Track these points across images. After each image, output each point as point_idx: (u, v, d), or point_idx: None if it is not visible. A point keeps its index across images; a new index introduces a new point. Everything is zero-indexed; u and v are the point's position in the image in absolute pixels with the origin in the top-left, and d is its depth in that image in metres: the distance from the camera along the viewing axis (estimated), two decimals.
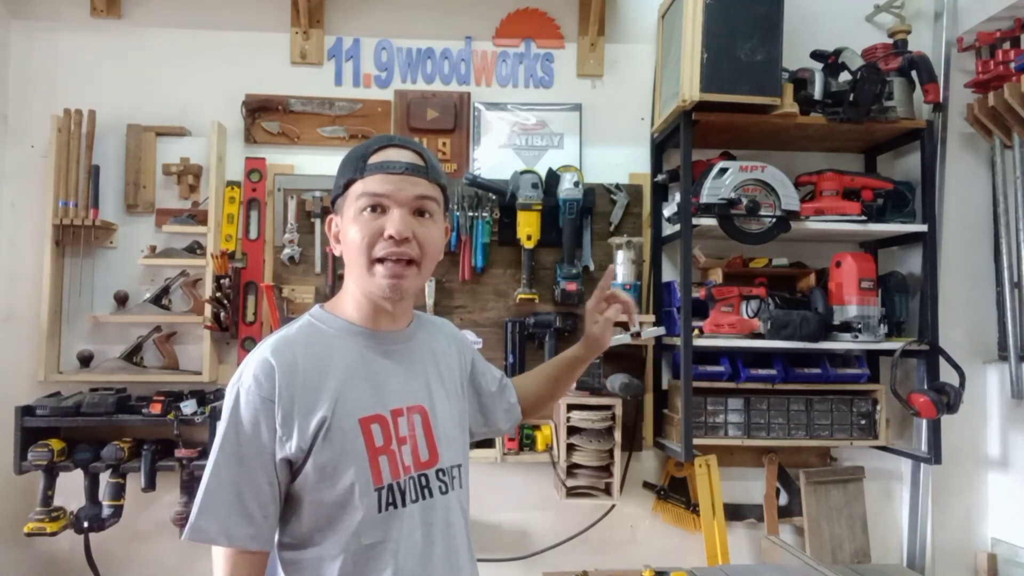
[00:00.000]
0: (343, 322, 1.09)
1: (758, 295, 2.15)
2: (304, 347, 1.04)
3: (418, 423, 1.08)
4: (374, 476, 1.01)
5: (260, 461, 0.98)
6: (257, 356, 1.02)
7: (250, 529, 0.97)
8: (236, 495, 0.97)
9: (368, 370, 1.06)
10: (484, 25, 2.41)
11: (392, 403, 1.06)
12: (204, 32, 2.34)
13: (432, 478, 1.08)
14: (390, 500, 1.02)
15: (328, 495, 0.99)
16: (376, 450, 1.02)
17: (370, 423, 1.02)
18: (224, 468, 0.97)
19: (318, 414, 0.99)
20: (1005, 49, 2.22)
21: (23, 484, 2.13)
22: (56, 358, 2.20)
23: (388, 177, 1.04)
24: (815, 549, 2.27)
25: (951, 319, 2.29)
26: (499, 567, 2.27)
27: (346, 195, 1.07)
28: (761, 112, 2.08)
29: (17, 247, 2.24)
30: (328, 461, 0.99)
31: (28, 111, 2.26)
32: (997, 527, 2.36)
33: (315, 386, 1.01)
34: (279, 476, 0.99)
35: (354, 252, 1.04)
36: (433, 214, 1.08)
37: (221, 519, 0.96)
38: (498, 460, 2.20)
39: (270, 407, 0.98)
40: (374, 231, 1.03)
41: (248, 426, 0.98)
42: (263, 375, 0.99)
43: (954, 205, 2.39)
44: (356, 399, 1.03)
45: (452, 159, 2.36)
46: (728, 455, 2.33)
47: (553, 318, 2.24)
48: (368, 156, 1.06)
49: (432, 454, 1.08)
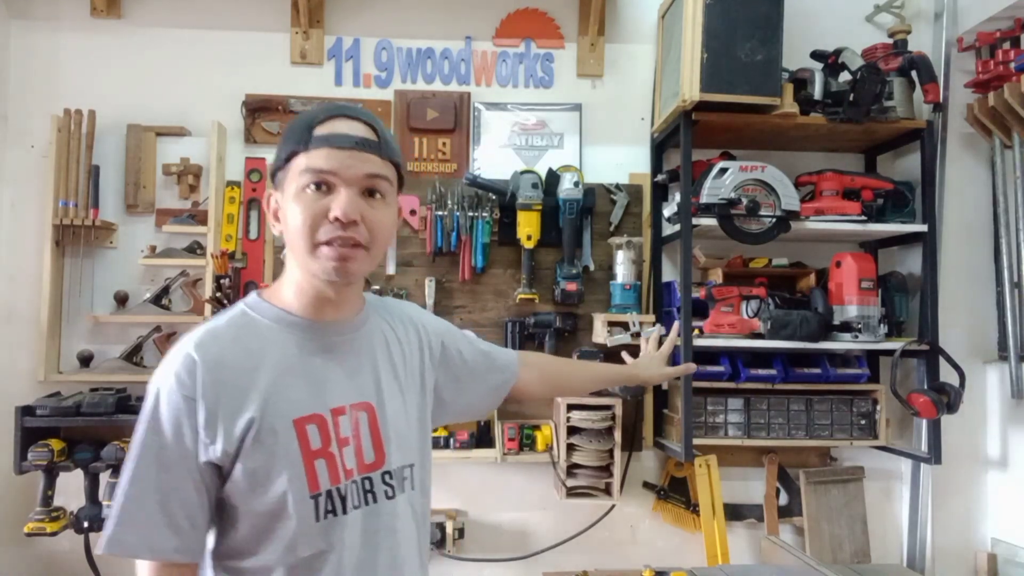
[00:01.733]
0: (280, 312, 0.98)
1: (758, 295, 2.15)
2: (233, 340, 0.94)
3: (363, 422, 0.99)
4: (310, 482, 0.92)
5: (185, 466, 0.89)
6: (179, 351, 0.92)
7: (176, 540, 0.88)
8: (159, 503, 0.88)
9: (306, 366, 0.97)
10: (484, 25, 2.41)
11: (333, 401, 0.97)
12: (204, 32, 2.34)
13: (377, 481, 0.99)
14: (329, 508, 0.93)
15: (260, 504, 0.91)
16: (312, 453, 0.92)
17: (306, 424, 0.93)
18: (145, 474, 0.89)
19: (245, 415, 0.90)
20: (1005, 49, 2.22)
21: (23, 484, 2.13)
22: (56, 358, 2.20)
23: (335, 152, 0.93)
24: (815, 549, 2.27)
25: (951, 319, 2.29)
26: (499, 567, 2.27)
27: (287, 168, 0.96)
28: (761, 112, 2.08)
29: (17, 247, 2.24)
30: (258, 466, 0.90)
31: (28, 111, 2.26)
32: (997, 527, 2.36)
33: (243, 384, 0.92)
34: (206, 481, 0.90)
35: (296, 234, 0.94)
36: (385, 195, 0.97)
37: (143, 530, 0.88)
38: (498, 460, 2.20)
39: (192, 406, 0.89)
40: (318, 212, 0.92)
41: (169, 428, 0.89)
42: (185, 372, 0.90)
43: (954, 205, 2.39)
44: (290, 398, 0.93)
45: (452, 159, 2.36)
46: (728, 455, 2.32)
47: (553, 318, 2.24)
48: (314, 126, 0.94)
49: (378, 455, 0.99)
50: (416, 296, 2.27)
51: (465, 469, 2.29)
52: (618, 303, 2.23)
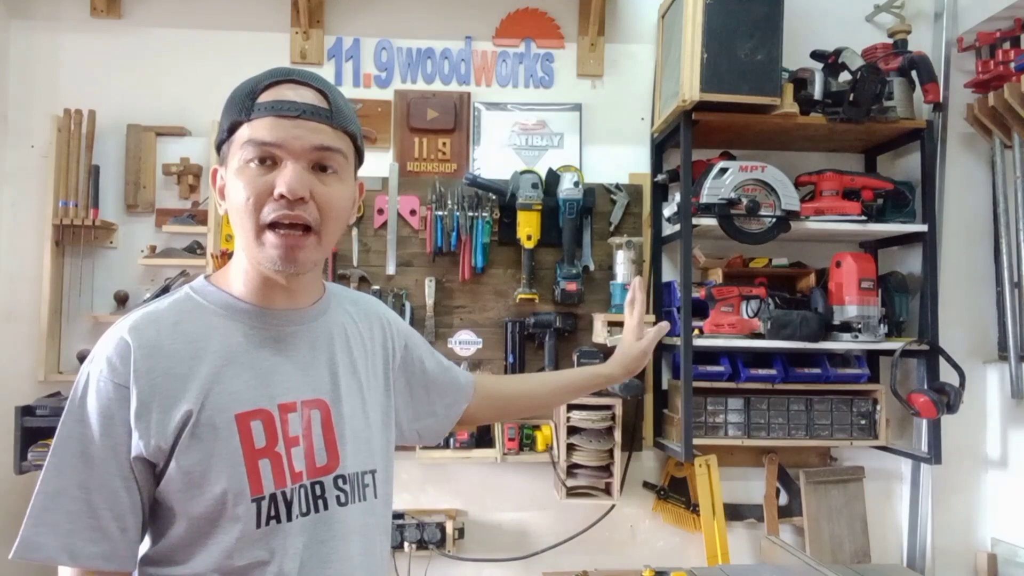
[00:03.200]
0: (227, 297, 0.90)
1: (758, 295, 2.15)
2: (173, 325, 0.85)
3: (316, 420, 0.90)
4: (252, 484, 0.83)
5: (115, 462, 0.80)
6: (113, 335, 0.83)
7: (103, 545, 0.79)
8: (84, 502, 0.79)
9: (252, 356, 0.87)
10: (484, 25, 2.41)
11: (281, 396, 0.87)
12: (204, 32, 2.33)
13: (329, 486, 0.89)
14: (272, 513, 0.84)
15: (196, 506, 0.82)
16: (256, 452, 0.83)
17: (250, 420, 0.84)
18: (68, 469, 0.80)
19: (182, 407, 0.81)
20: (1005, 49, 2.22)
21: (23, 484, 2.12)
22: (56, 358, 2.20)
23: (280, 121, 0.84)
24: (815, 549, 2.27)
25: (951, 319, 2.29)
26: (499, 567, 2.27)
27: (231, 141, 0.87)
28: (761, 112, 2.08)
29: (17, 247, 2.24)
30: (195, 464, 0.81)
31: (28, 111, 2.26)
32: (997, 527, 2.36)
33: (182, 373, 0.82)
34: (138, 480, 0.81)
35: (239, 214, 0.85)
36: (339, 169, 0.88)
37: (63, 532, 0.79)
38: (498, 460, 2.20)
39: (124, 395, 0.80)
40: (261, 189, 0.83)
41: (97, 418, 0.80)
42: (117, 357, 0.81)
43: (954, 205, 2.39)
44: (233, 391, 0.84)
45: (452, 159, 2.36)
46: (728, 455, 2.32)
47: (553, 318, 2.24)
48: (257, 93, 0.87)
49: (332, 457, 0.90)
50: (416, 296, 2.27)
51: (465, 469, 2.29)
52: (618, 303, 2.22)
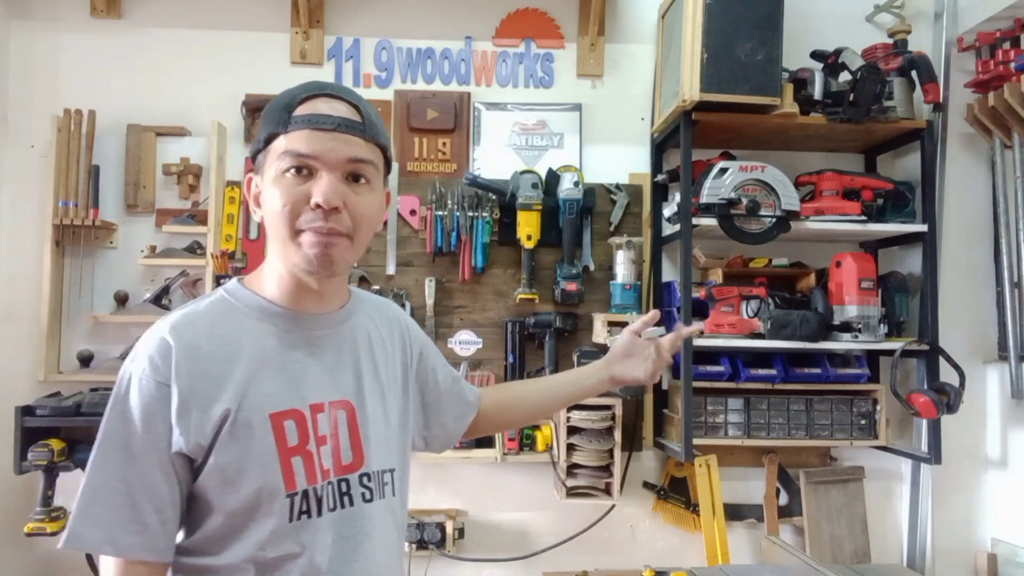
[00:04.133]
0: (260, 300, 0.94)
1: (758, 295, 2.15)
2: (210, 327, 0.90)
3: (342, 421, 0.94)
4: (285, 480, 0.87)
5: (155, 456, 0.84)
6: (154, 335, 0.88)
7: (143, 537, 0.83)
8: (126, 496, 0.83)
9: (284, 358, 0.92)
10: (484, 25, 2.41)
11: (311, 397, 0.92)
12: (204, 32, 2.34)
13: (354, 484, 0.94)
14: (303, 508, 0.89)
15: (233, 501, 0.86)
16: (289, 451, 0.88)
17: (283, 419, 0.89)
18: (112, 464, 0.84)
19: (220, 406, 0.85)
20: (1005, 49, 2.22)
21: (23, 484, 2.13)
22: (56, 358, 2.20)
23: (316, 134, 0.88)
24: (815, 549, 2.27)
25: (951, 319, 2.29)
26: (499, 567, 2.27)
27: (267, 151, 0.91)
28: (761, 112, 2.08)
29: (17, 247, 2.24)
30: (232, 461, 0.85)
31: (28, 111, 2.26)
32: (997, 527, 2.36)
33: (219, 373, 0.87)
34: (178, 474, 0.85)
35: (275, 220, 0.89)
36: (370, 180, 0.92)
37: (107, 525, 0.82)
38: (498, 460, 2.20)
39: (166, 393, 0.84)
40: (298, 198, 0.87)
41: (140, 415, 0.84)
42: (159, 356, 0.85)
43: (954, 205, 2.39)
44: (267, 391, 0.89)
45: (452, 159, 2.36)
46: (728, 455, 2.32)
47: (553, 318, 2.24)
48: (294, 106, 0.90)
49: (357, 456, 0.95)
50: (416, 296, 2.27)
51: (465, 469, 2.29)
52: (618, 303, 2.23)
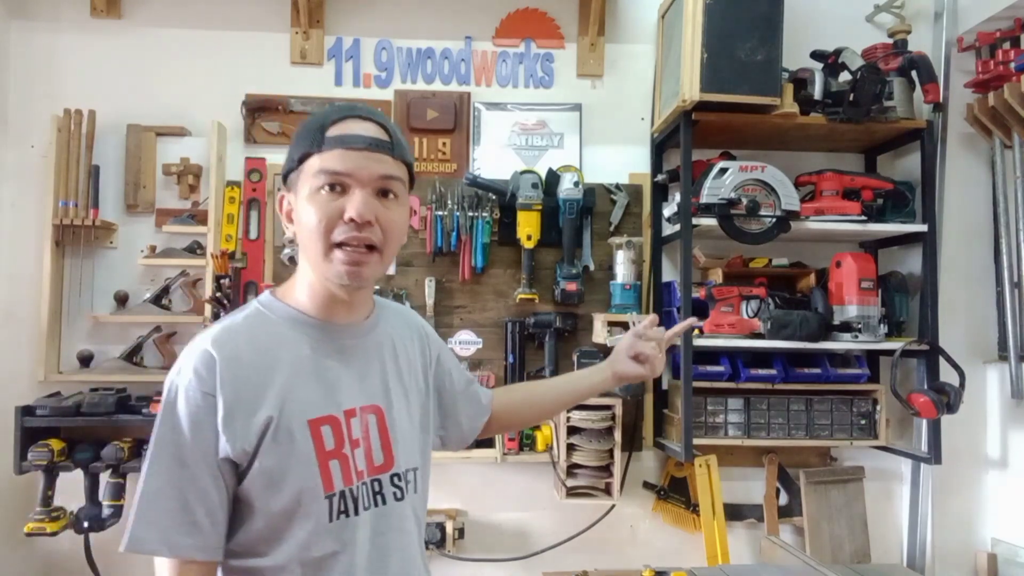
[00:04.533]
0: (293, 311, 1.00)
1: (758, 295, 2.15)
2: (249, 338, 0.95)
3: (372, 424, 1.00)
4: (324, 482, 0.93)
5: (205, 462, 0.89)
6: (197, 347, 0.93)
7: (196, 538, 0.88)
8: (179, 500, 0.88)
9: (318, 366, 0.97)
10: (484, 25, 2.41)
11: (345, 403, 0.98)
12: (204, 32, 2.34)
13: (386, 483, 1.00)
14: (342, 508, 0.94)
15: (275, 503, 0.91)
16: (327, 454, 0.94)
17: (320, 425, 0.94)
18: (164, 471, 0.89)
19: (264, 413, 0.91)
20: (1005, 49, 2.22)
21: (23, 484, 2.13)
22: (56, 358, 2.20)
23: (349, 153, 0.94)
24: (815, 549, 2.27)
25: (951, 319, 2.29)
26: (499, 567, 2.27)
27: (301, 170, 0.97)
28: (761, 112, 2.08)
29: (17, 247, 2.24)
30: (274, 465, 0.91)
31: (28, 111, 2.26)
32: (997, 527, 2.36)
33: (260, 382, 0.92)
34: (225, 479, 0.91)
35: (310, 235, 0.94)
36: (398, 195, 0.98)
37: (163, 527, 0.88)
38: (498, 460, 2.20)
39: (212, 403, 0.89)
40: (332, 213, 0.93)
41: (188, 424, 0.89)
42: (204, 368, 0.91)
43: (954, 205, 2.39)
44: (305, 398, 0.95)
45: (452, 159, 2.36)
46: (728, 455, 2.32)
47: (553, 318, 2.24)
48: (327, 127, 0.95)
49: (387, 458, 1.01)
50: (416, 296, 2.27)
51: (465, 469, 2.29)
52: (618, 303, 2.23)
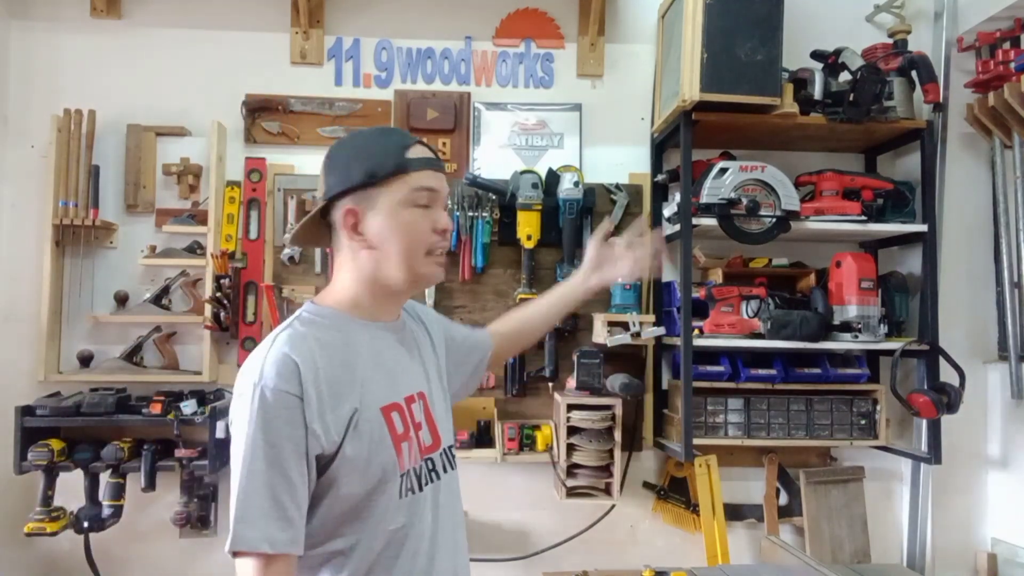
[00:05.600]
0: (345, 315, 1.10)
1: (758, 295, 2.15)
2: (317, 342, 1.03)
3: (420, 408, 1.13)
4: (400, 463, 1.05)
5: (294, 460, 0.96)
6: (275, 353, 1.00)
7: (290, 532, 0.95)
8: (272, 499, 0.94)
9: (380, 359, 1.09)
10: (484, 25, 2.41)
11: (404, 391, 1.10)
12: (204, 32, 2.34)
13: (438, 460, 1.14)
14: (409, 486, 1.06)
15: (359, 486, 1.01)
16: (399, 437, 1.05)
17: (391, 412, 1.06)
18: (258, 472, 0.94)
19: (348, 406, 1.01)
20: (1005, 49, 2.21)
21: (23, 484, 2.13)
22: (56, 358, 2.20)
23: (436, 174, 1.10)
24: (815, 549, 2.27)
25: (951, 319, 2.29)
26: (499, 567, 2.27)
27: (386, 185, 1.07)
28: (761, 112, 2.08)
29: (17, 247, 2.24)
30: (359, 452, 1.00)
31: (28, 111, 2.26)
32: (997, 527, 2.36)
33: (338, 379, 1.01)
34: (310, 474, 0.98)
35: (411, 244, 1.08)
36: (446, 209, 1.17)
37: (262, 525, 0.93)
38: (498, 460, 2.20)
39: (298, 404, 0.96)
40: (428, 226, 1.09)
41: (279, 424, 0.95)
42: (287, 372, 0.97)
43: (954, 205, 2.39)
44: (376, 389, 1.06)
45: (452, 159, 2.36)
46: (728, 455, 2.32)
47: None
48: (407, 148, 1.09)
49: (435, 437, 1.14)
50: (415, 296, 2.26)
51: (465, 469, 2.23)
52: (618, 303, 2.22)
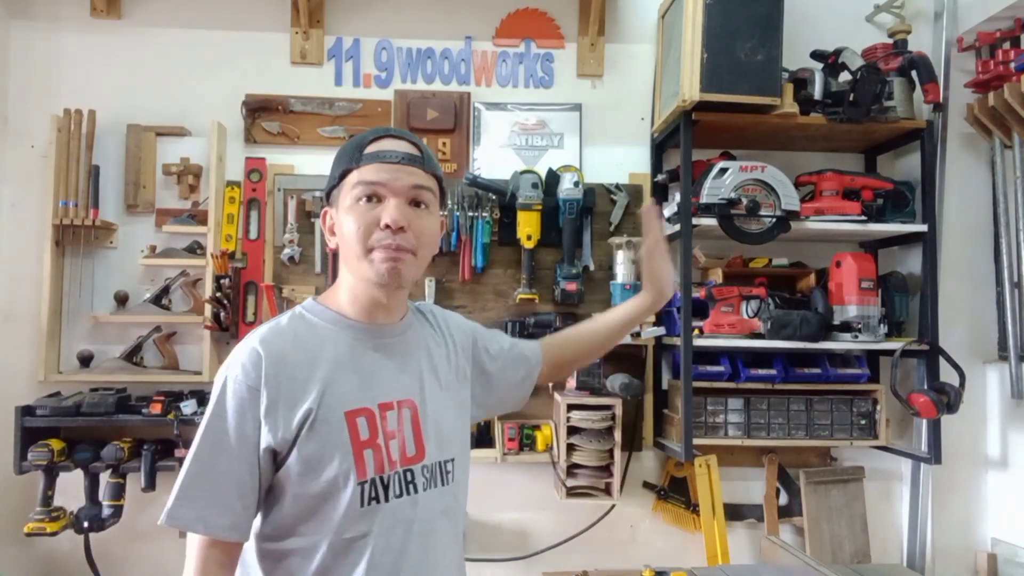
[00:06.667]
0: (335, 314, 1.09)
1: (758, 295, 2.15)
2: (293, 338, 1.04)
3: (407, 418, 1.07)
4: (358, 469, 1.00)
5: (243, 450, 0.97)
6: (246, 345, 1.02)
7: (229, 518, 0.96)
8: (216, 483, 0.97)
9: (357, 363, 1.06)
10: (484, 25, 2.41)
11: (381, 397, 1.05)
12: (204, 32, 2.34)
13: (417, 474, 1.06)
14: (373, 495, 1.01)
15: (312, 487, 0.99)
16: (361, 443, 1.01)
17: (356, 416, 1.02)
18: (206, 455, 0.98)
19: (304, 405, 0.99)
20: (1005, 49, 2.22)
21: (23, 484, 2.13)
22: (56, 358, 2.20)
23: (384, 166, 1.03)
24: (815, 549, 2.27)
25: (951, 319, 2.29)
26: (499, 567, 2.27)
27: (341, 185, 1.06)
28: (761, 112, 2.08)
29: (17, 247, 2.24)
30: (312, 453, 0.98)
31: (28, 111, 2.26)
32: (997, 527, 2.36)
33: (302, 377, 1.00)
34: (262, 466, 0.99)
35: (350, 242, 1.03)
36: (429, 205, 1.07)
37: (199, 506, 0.96)
38: (498, 460, 2.20)
39: (256, 396, 0.98)
40: (370, 221, 1.02)
41: (232, 414, 0.98)
42: (250, 364, 0.99)
43: (954, 205, 2.39)
44: (343, 392, 1.02)
45: (452, 159, 2.36)
46: (728, 455, 2.32)
47: (553, 318, 2.24)
48: (364, 146, 1.05)
49: (419, 450, 1.07)
50: (416, 296, 2.27)
51: None
52: (618, 303, 2.22)
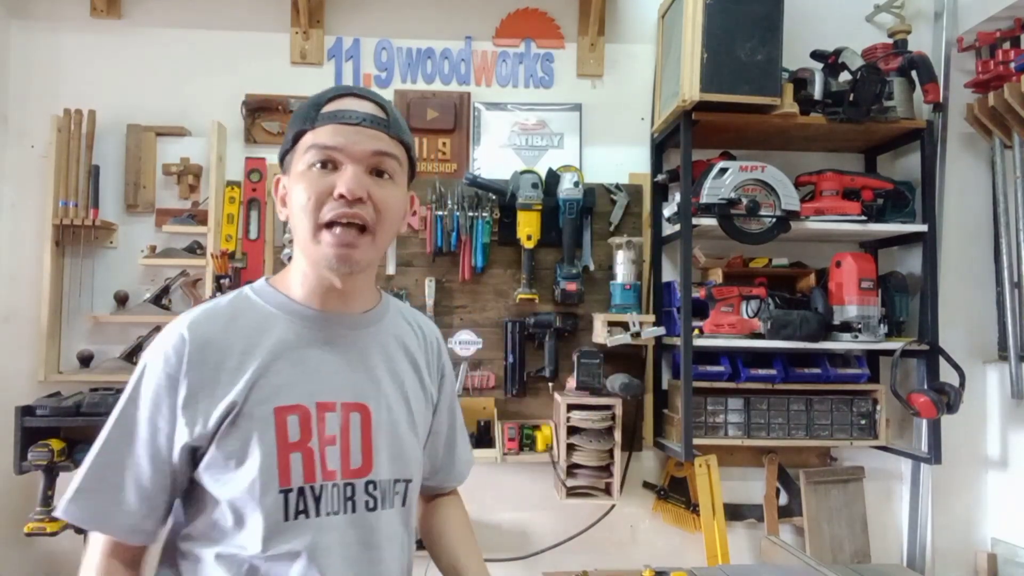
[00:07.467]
0: (283, 298, 0.96)
1: (758, 295, 2.15)
2: (228, 321, 0.92)
3: (355, 423, 0.93)
4: (281, 475, 0.87)
5: (153, 445, 0.87)
6: (172, 329, 0.90)
7: (128, 519, 0.87)
8: (119, 478, 0.87)
9: (301, 354, 0.92)
10: (484, 25, 2.41)
11: (320, 395, 0.92)
12: (204, 32, 2.34)
13: (359, 490, 0.92)
14: (301, 507, 0.88)
15: (230, 490, 0.86)
16: (288, 446, 0.88)
17: (287, 414, 0.89)
18: (113, 448, 0.88)
19: (228, 398, 0.87)
20: (1005, 49, 2.22)
21: (23, 484, 2.13)
22: (56, 358, 2.20)
23: (342, 128, 0.89)
24: (815, 549, 2.27)
25: (951, 319, 2.29)
26: (499, 567, 2.26)
27: (294, 149, 0.92)
28: (761, 112, 2.08)
29: (17, 247, 2.24)
30: (233, 451, 0.86)
31: (28, 111, 2.26)
32: (997, 527, 2.36)
33: (231, 366, 0.89)
34: (177, 463, 0.87)
35: (299, 214, 0.90)
36: (394, 175, 0.94)
37: (97, 503, 0.86)
38: (498, 460, 2.20)
39: (174, 386, 0.87)
40: (322, 190, 0.88)
41: (146, 404, 0.87)
42: (172, 350, 0.88)
43: (954, 205, 2.39)
44: (276, 384, 0.90)
45: (452, 159, 2.36)
46: (728, 455, 2.32)
47: (553, 318, 2.24)
48: (322, 104, 0.91)
49: (366, 462, 0.93)
50: (416, 296, 2.27)
51: None
52: (618, 303, 2.22)
